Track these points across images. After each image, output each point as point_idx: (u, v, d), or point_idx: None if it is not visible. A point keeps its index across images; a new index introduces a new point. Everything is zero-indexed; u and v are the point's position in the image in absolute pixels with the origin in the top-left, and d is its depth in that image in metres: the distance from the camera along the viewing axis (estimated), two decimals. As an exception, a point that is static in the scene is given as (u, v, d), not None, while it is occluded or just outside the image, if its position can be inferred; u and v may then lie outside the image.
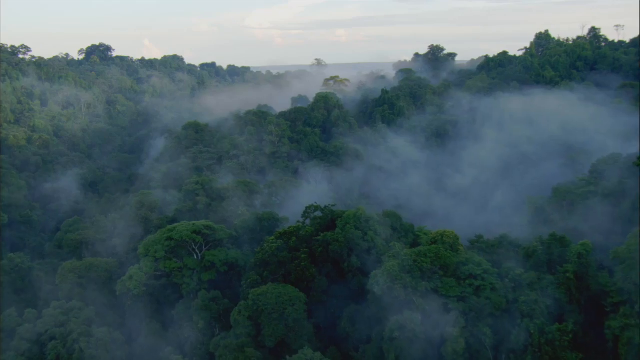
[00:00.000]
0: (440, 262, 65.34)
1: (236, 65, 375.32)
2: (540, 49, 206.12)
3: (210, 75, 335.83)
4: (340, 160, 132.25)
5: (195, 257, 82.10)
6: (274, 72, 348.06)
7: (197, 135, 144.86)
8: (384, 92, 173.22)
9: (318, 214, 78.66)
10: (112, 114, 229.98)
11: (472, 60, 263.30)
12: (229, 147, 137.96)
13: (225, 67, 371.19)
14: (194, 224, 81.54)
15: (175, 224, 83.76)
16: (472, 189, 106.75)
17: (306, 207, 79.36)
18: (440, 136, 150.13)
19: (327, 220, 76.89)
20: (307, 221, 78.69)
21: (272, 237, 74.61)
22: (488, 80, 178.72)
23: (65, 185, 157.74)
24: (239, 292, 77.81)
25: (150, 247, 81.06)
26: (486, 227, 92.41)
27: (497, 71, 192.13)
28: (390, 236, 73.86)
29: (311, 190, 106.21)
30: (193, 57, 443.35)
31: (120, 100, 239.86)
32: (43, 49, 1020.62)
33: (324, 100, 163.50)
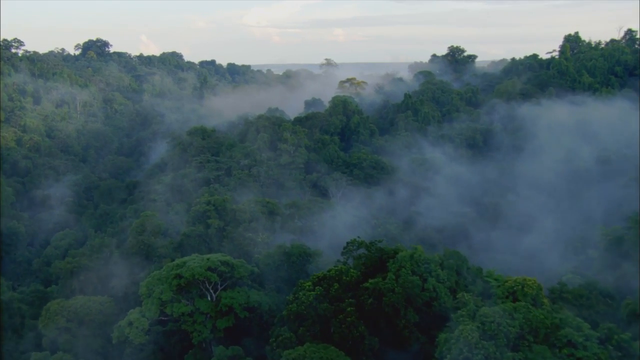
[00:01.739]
0: (530, 324, 50.96)
1: (236, 63, 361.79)
2: (570, 52, 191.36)
3: (210, 73, 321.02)
4: (365, 174, 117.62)
5: (209, 298, 67.65)
6: (275, 70, 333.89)
7: (203, 142, 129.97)
8: (407, 96, 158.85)
9: (362, 251, 63.93)
10: (109, 113, 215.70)
11: (493, 62, 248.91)
12: (239, 156, 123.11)
13: (225, 65, 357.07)
14: (208, 259, 66.78)
15: (185, 258, 69.08)
16: (529, 215, 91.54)
17: (347, 243, 64.65)
18: (472, 147, 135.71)
19: (374, 261, 62.23)
20: (350, 260, 63.98)
21: (309, 283, 59.58)
22: (520, 85, 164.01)
23: (57, 192, 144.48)
24: (262, 345, 63.53)
25: (154, 286, 66.55)
26: (551, 264, 78.36)
27: (527, 75, 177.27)
28: (454, 284, 59.25)
29: (340, 212, 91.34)
30: (191, 55, 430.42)
31: (117, 99, 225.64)
32: (38, 43, 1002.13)
33: (343, 105, 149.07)
